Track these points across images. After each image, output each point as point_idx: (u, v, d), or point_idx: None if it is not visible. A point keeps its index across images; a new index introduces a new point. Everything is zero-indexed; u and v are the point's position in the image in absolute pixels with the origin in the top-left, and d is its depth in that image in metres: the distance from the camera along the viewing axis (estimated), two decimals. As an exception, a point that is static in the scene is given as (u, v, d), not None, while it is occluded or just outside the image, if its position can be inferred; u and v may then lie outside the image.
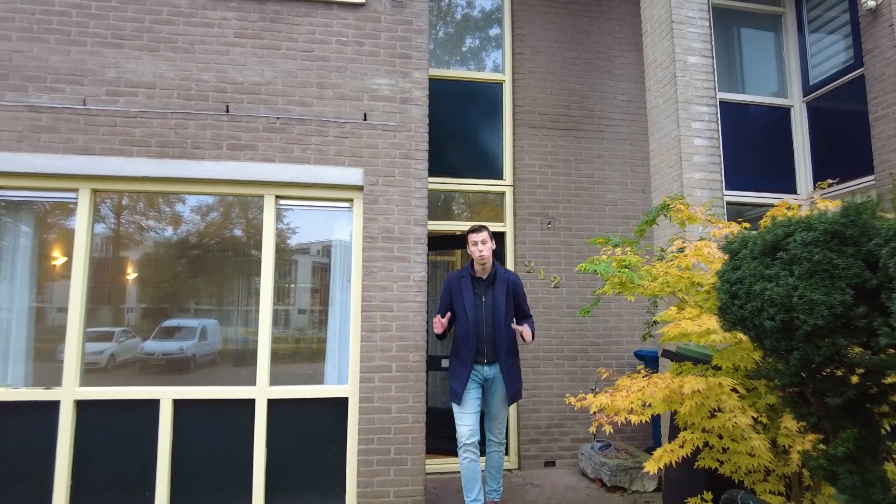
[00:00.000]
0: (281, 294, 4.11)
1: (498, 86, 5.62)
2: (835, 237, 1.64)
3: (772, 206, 3.23)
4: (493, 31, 5.80)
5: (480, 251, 3.64)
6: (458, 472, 4.08)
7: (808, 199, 2.96)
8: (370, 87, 4.10)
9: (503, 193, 5.50)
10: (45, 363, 3.77)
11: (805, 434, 2.41)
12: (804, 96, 6.08)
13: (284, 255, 4.15)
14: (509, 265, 5.35)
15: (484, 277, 3.73)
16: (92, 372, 3.80)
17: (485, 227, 3.73)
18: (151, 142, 3.85)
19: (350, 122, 4.04)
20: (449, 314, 3.68)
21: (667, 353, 3.85)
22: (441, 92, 5.35)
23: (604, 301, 4.98)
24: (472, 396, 3.64)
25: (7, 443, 3.55)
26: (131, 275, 4.04)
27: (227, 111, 3.93)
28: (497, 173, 5.52)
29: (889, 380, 1.65)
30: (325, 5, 4.14)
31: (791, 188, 6.03)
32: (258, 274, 3.95)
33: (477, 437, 3.61)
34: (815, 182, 5.95)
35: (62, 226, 3.96)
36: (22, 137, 3.70)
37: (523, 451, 5.08)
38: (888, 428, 2.46)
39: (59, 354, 3.73)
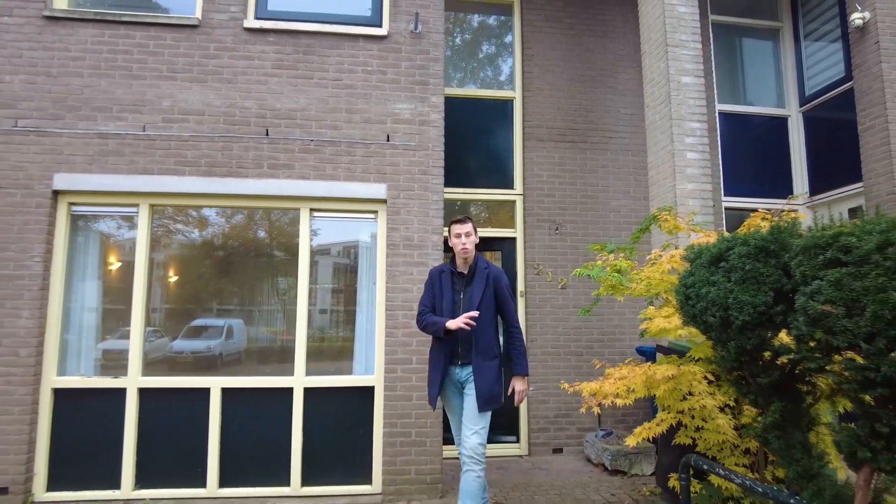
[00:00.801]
0: (314, 295, 4.62)
1: (509, 102, 6.08)
2: (762, 251, 2.07)
3: (769, 211, 3.58)
4: (504, 52, 6.26)
5: (463, 244, 3.37)
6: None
7: (778, 210, 3.36)
8: (392, 111, 4.60)
9: (514, 201, 5.95)
10: (105, 357, 4.35)
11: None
12: (801, 106, 6.40)
13: (317, 261, 4.67)
14: (519, 268, 5.80)
15: (465, 272, 3.46)
16: (123, 367, 4.25)
17: (469, 219, 3.45)
18: (201, 162, 4.40)
19: (375, 143, 4.54)
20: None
21: (660, 348, 4.28)
22: (457, 108, 5.82)
23: (607, 301, 5.39)
24: (455, 404, 3.43)
25: (84, 423, 4.14)
26: (172, 278, 4.60)
27: (267, 134, 4.47)
28: (508, 183, 5.98)
29: (809, 364, 2.07)
30: (351, 38, 4.65)
31: (788, 194, 6.36)
32: (289, 276, 4.49)
33: None
34: (811, 187, 6.29)
35: (123, 236, 4.54)
36: (92, 161, 4.28)
37: (533, 439, 5.53)
38: (842, 410, 2.87)
39: (97, 352, 4.33)
